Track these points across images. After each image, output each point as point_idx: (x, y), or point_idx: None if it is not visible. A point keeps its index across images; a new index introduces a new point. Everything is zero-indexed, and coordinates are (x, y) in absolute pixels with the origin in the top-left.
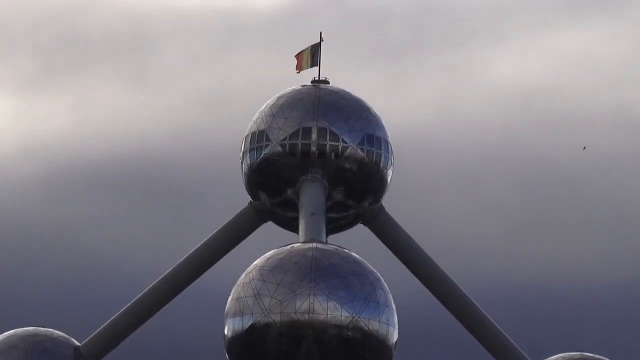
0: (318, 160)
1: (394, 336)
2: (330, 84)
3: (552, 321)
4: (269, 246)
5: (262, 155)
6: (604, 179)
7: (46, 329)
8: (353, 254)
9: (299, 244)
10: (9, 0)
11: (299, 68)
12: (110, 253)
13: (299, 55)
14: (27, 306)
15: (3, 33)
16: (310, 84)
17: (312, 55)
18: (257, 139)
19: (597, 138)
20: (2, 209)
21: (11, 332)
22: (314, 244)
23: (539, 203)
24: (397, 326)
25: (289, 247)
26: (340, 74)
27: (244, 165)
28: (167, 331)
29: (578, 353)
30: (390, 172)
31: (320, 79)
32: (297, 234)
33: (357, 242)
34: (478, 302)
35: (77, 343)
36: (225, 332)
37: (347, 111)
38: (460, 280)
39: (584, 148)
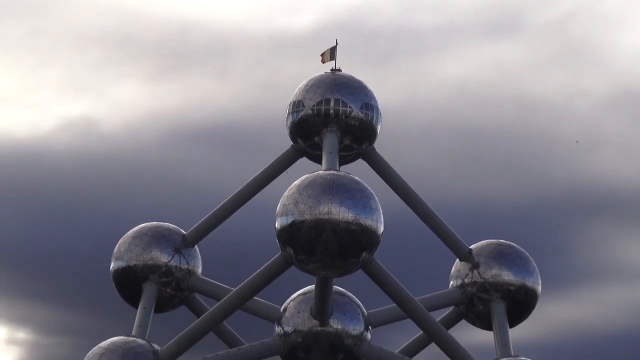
0: (334, 119)
1: (381, 229)
2: (342, 72)
3: (481, 222)
4: (303, 172)
5: (299, 116)
6: (512, 138)
7: (164, 222)
8: (356, 177)
9: (322, 171)
10: (138, 21)
11: (323, 61)
12: (205, 180)
13: (323, 54)
14: (154, 209)
15: (134, 43)
16: (329, 71)
17: (331, 53)
18: (296, 105)
19: (504, 113)
20: (138, 155)
21: (142, 225)
22: (331, 171)
23: (473, 152)
24: (383, 223)
25: (315, 173)
26: (348, 67)
27: (288, 122)
28: (237, 227)
29: (495, 240)
30: (379, 127)
31: (336, 68)
32: (321, 165)
33: (359, 171)
34: (434, 209)
35: (184, 232)
36: (276, 226)
37: (353, 88)
38: (422, 194)
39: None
